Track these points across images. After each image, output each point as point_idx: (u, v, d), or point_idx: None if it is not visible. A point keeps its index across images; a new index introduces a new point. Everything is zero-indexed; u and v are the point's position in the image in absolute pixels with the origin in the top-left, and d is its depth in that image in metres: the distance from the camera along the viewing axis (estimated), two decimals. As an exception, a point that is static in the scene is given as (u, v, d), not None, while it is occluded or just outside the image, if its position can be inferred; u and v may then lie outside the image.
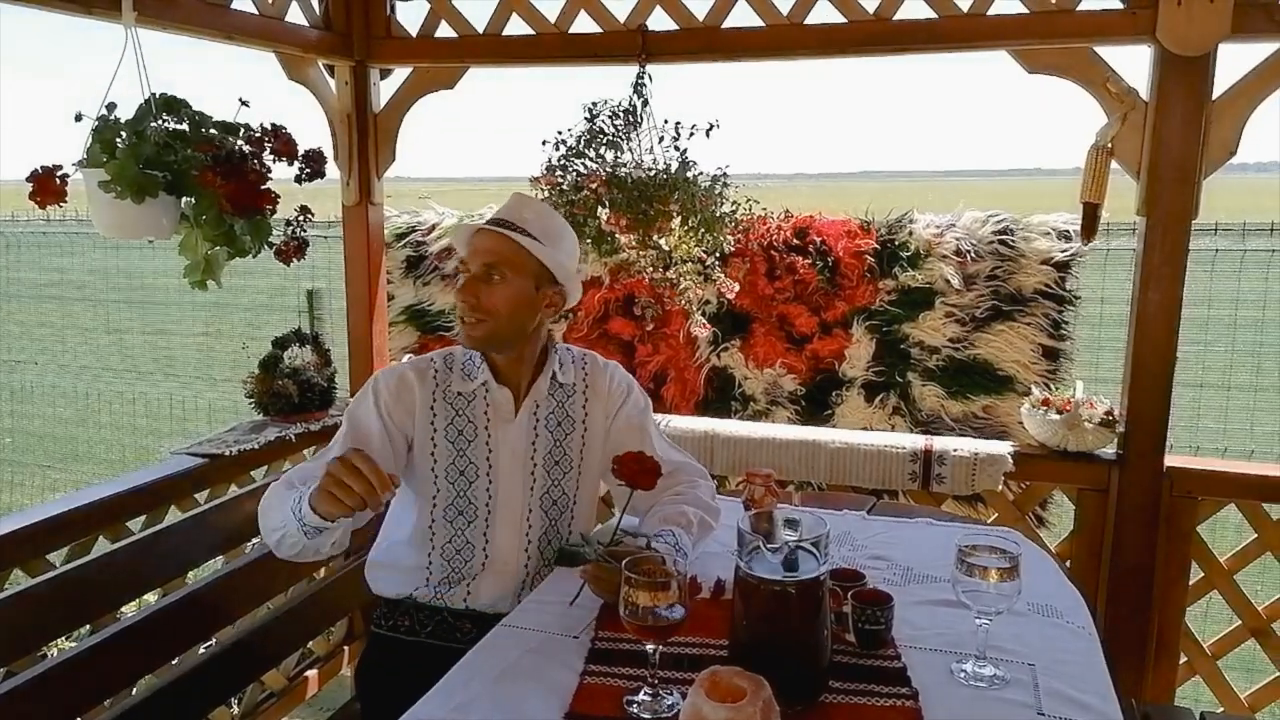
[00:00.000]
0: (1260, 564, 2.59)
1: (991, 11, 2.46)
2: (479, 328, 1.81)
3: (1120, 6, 2.36)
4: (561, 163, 2.70)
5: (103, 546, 2.12)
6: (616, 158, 2.68)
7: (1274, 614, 2.56)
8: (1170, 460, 2.51)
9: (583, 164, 2.68)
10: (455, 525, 1.87)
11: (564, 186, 2.70)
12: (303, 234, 2.25)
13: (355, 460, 1.47)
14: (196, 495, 2.46)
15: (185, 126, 2.07)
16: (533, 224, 1.84)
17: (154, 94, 2.07)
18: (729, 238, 2.83)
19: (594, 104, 2.70)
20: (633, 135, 2.70)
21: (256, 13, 2.59)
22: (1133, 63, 2.44)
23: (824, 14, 2.59)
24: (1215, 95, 2.33)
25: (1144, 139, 2.38)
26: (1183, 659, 2.62)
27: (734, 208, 2.77)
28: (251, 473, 2.61)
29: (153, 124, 2.03)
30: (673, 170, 2.66)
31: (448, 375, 1.89)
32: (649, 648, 1.35)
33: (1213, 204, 2.45)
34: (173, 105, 2.09)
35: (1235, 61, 2.36)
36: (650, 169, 2.66)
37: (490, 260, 1.80)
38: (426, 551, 1.87)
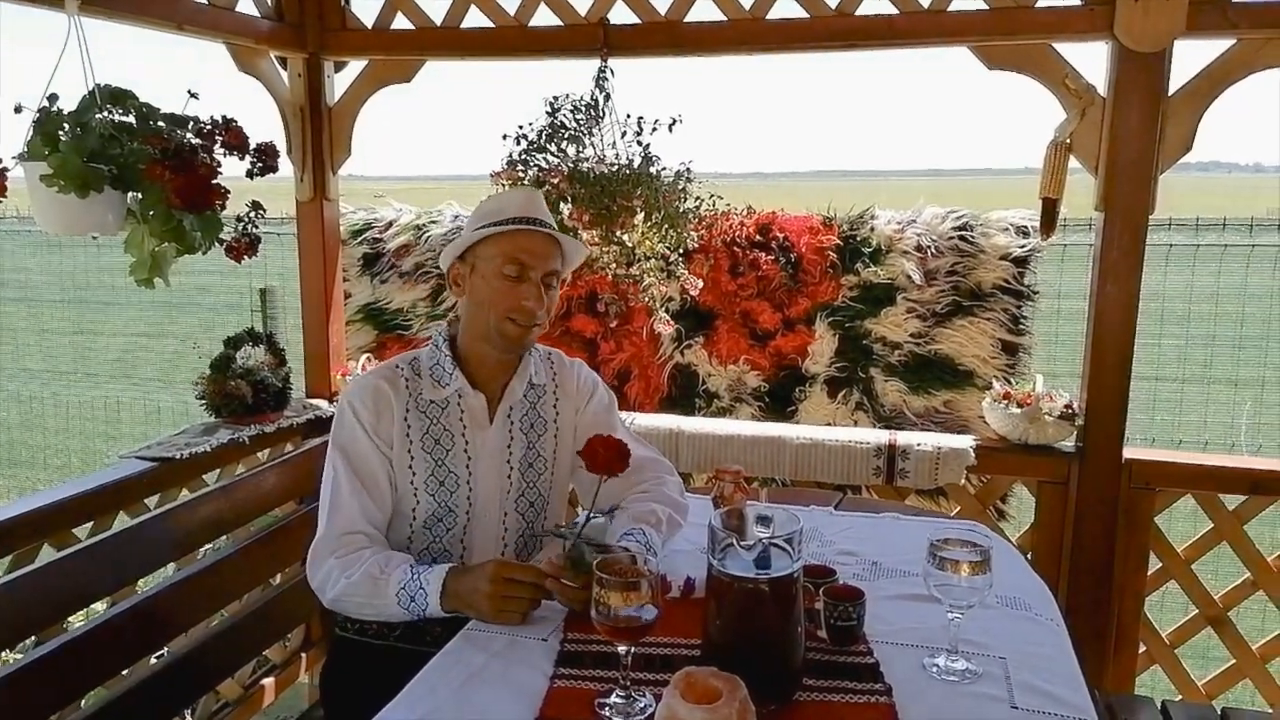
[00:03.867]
0: (1215, 553, 2.64)
1: (952, 8, 2.48)
2: (533, 333, 1.82)
3: (1079, 3, 2.39)
4: (523, 157, 2.66)
5: (48, 555, 2.04)
6: (579, 152, 2.65)
7: (1230, 602, 2.61)
8: (1129, 452, 2.55)
9: (544, 159, 2.65)
10: (434, 533, 1.84)
11: (525, 181, 2.66)
12: (255, 230, 2.18)
13: (512, 574, 1.57)
14: (146, 501, 2.39)
15: (132, 119, 2.01)
16: (546, 215, 1.83)
17: (99, 85, 2.00)
18: (692, 234, 2.81)
19: (555, 98, 2.67)
20: (595, 130, 2.67)
21: (206, 2, 2.51)
22: (1091, 59, 2.48)
23: (786, 9, 2.58)
24: (1171, 91, 2.36)
25: (1102, 135, 2.41)
26: (1142, 648, 2.66)
27: (697, 203, 2.75)
28: (204, 476, 2.54)
29: (97, 116, 1.96)
30: (635, 165, 2.63)
31: (418, 383, 1.84)
32: (621, 649, 1.32)
33: (1163, 201, 2.48)
34: (119, 97, 2.02)
35: (1190, 58, 2.40)
36: (613, 164, 2.63)
37: (554, 268, 1.81)
38: None
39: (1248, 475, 2.51)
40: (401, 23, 2.86)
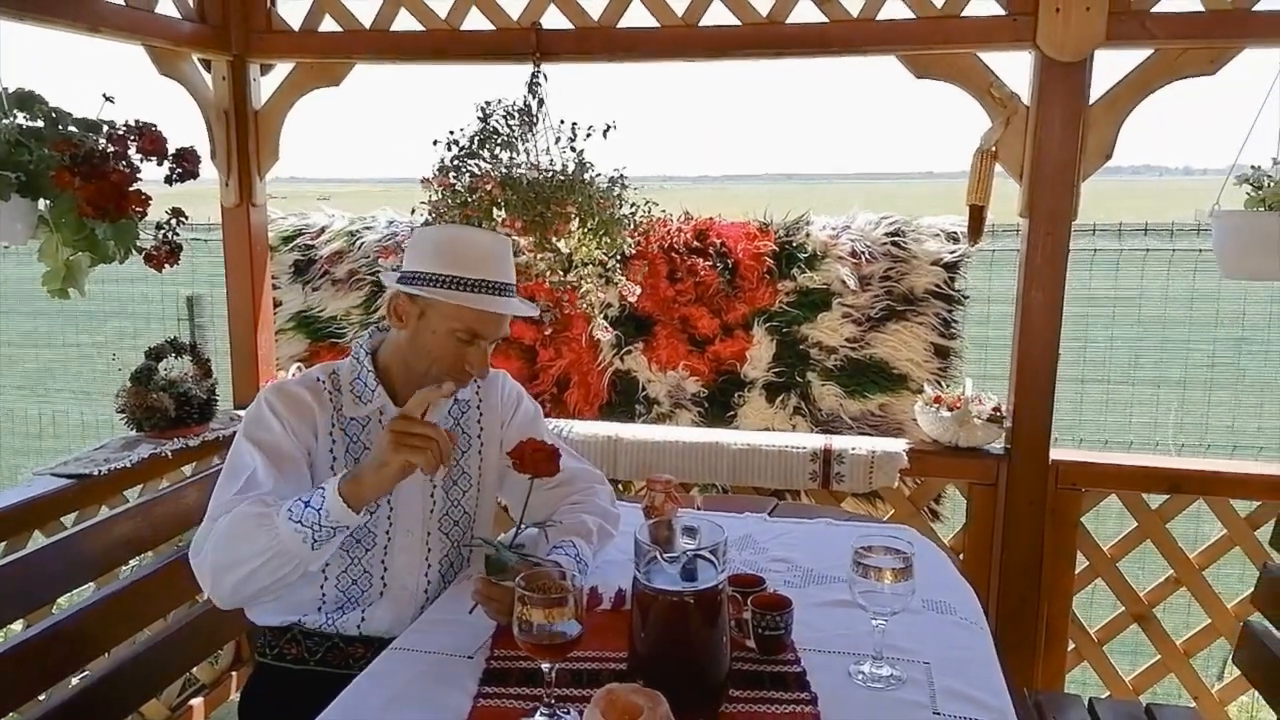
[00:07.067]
0: (1141, 551, 2.70)
1: (881, 16, 2.50)
2: (473, 383, 1.78)
3: (1003, 13, 2.43)
4: (455, 163, 2.63)
5: (-44, 577, 1.95)
6: (511, 158, 2.62)
7: (1154, 600, 2.68)
8: (1055, 454, 2.60)
9: (476, 165, 2.62)
10: (353, 554, 1.75)
11: (458, 188, 2.62)
12: (175, 238, 2.12)
13: (413, 417, 1.50)
14: (64, 519, 2.30)
15: (41, 123, 1.94)
16: (513, 275, 1.75)
17: (5, 89, 1.93)
18: (629, 240, 2.80)
19: (487, 103, 2.64)
20: (528, 135, 2.64)
21: (123, 3, 2.44)
22: (1015, 68, 2.55)
23: (718, 16, 2.60)
24: (1092, 100, 2.42)
25: (1026, 142, 2.46)
26: (1071, 646, 2.71)
27: (633, 209, 2.75)
28: (124, 493, 2.45)
29: (4, 121, 1.90)
30: (570, 171, 2.62)
31: (339, 397, 1.74)
32: (545, 666, 1.30)
33: (1094, 206, 2.54)
34: (27, 101, 1.95)
35: (1110, 68, 2.47)
36: (547, 170, 2.61)
37: (506, 333, 1.76)
38: (319, 584, 1.74)
39: (1168, 475, 2.57)
40: (329, 25, 2.80)
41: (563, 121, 2.64)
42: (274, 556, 1.47)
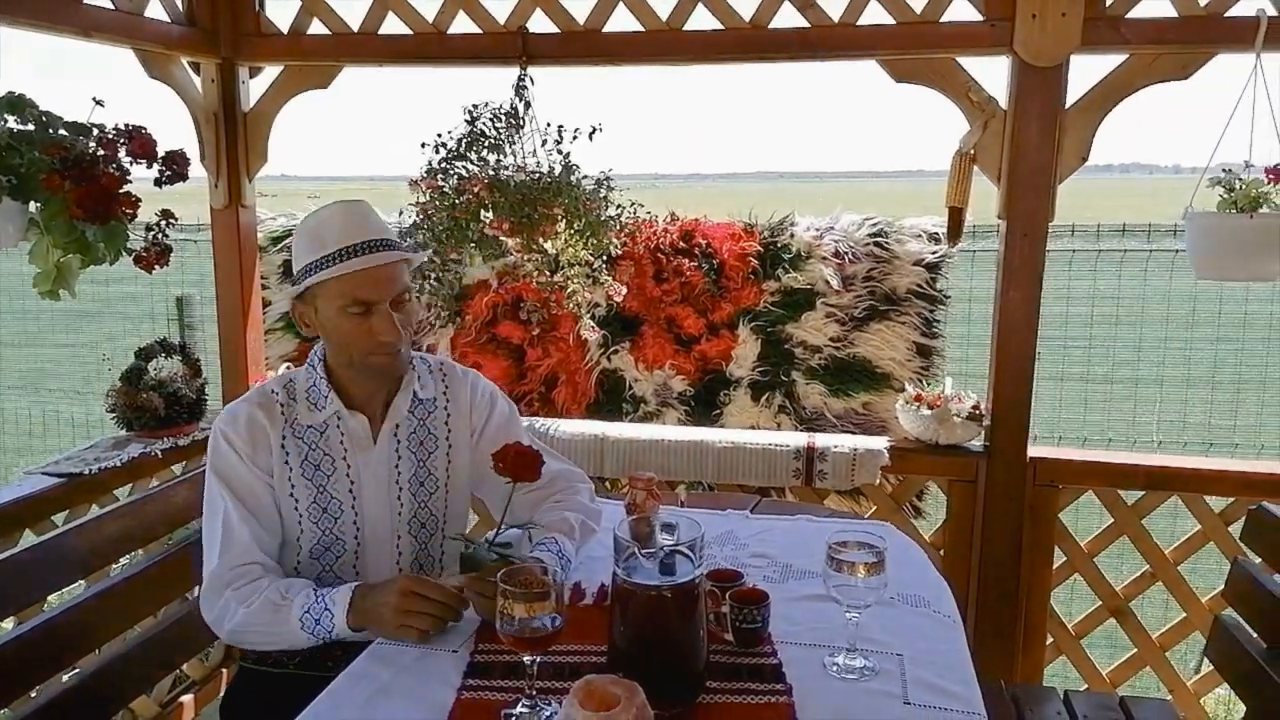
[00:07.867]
0: (1117, 546, 2.75)
1: (861, 22, 2.54)
2: (404, 352, 1.73)
3: (980, 19, 2.47)
4: (442, 166, 2.66)
5: (-52, 576, 1.97)
6: (499, 161, 2.65)
7: (1130, 594, 2.73)
8: (1033, 451, 2.65)
9: (464, 167, 2.65)
10: (323, 561, 1.78)
11: (445, 190, 2.66)
12: (165, 239, 2.15)
13: (421, 589, 1.54)
14: (55, 518, 2.33)
15: (31, 127, 1.97)
16: (381, 230, 1.72)
17: (-5, 92, 1.96)
18: (615, 241, 2.84)
19: (474, 106, 2.67)
20: (515, 138, 2.68)
21: (113, 7, 2.46)
22: (992, 73, 2.51)
23: (702, 20, 2.64)
24: (1068, 104, 2.46)
25: (1003, 146, 2.50)
26: (1049, 640, 2.75)
27: (619, 211, 2.78)
28: (114, 491, 2.48)
29: (-6, 124, 1.92)
30: (556, 174, 2.65)
31: (293, 407, 1.75)
32: (526, 659, 1.34)
33: (1083, 205, 2.58)
34: (17, 105, 1.98)
35: (1086, 72, 2.47)
36: (534, 172, 2.64)
37: (402, 286, 1.70)
38: None
39: (1145, 471, 2.62)
40: (318, 28, 2.83)
41: (549, 124, 2.68)
42: (282, 642, 1.65)
